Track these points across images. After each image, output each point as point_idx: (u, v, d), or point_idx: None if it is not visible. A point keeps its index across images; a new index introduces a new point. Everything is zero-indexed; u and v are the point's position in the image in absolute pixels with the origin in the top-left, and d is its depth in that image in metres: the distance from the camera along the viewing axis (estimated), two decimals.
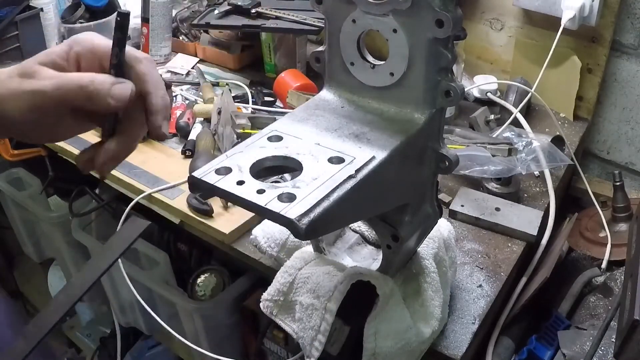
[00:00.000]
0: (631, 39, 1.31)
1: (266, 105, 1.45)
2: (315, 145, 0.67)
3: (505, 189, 1.17)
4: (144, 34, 1.64)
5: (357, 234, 0.94)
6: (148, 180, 1.22)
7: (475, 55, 1.53)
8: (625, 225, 1.20)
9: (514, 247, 1.07)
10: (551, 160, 1.17)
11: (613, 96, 1.39)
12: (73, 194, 1.43)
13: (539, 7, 1.35)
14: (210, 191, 0.63)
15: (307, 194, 0.59)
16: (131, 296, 1.22)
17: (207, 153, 1.23)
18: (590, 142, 1.47)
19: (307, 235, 0.58)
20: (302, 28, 1.47)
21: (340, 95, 0.76)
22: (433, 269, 0.86)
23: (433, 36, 0.66)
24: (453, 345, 0.89)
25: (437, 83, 0.70)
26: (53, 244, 1.64)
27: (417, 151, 0.73)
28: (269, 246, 0.97)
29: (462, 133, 1.22)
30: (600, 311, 1.08)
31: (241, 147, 0.67)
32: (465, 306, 0.95)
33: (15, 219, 1.71)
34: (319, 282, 0.82)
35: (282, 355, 1.21)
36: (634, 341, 0.83)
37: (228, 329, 1.32)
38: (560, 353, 1.00)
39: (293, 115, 0.73)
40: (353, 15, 0.70)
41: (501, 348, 1.01)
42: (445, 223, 0.97)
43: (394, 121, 0.71)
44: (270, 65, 1.57)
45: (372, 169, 0.64)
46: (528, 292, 1.05)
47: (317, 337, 0.81)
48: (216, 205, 1.13)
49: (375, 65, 0.72)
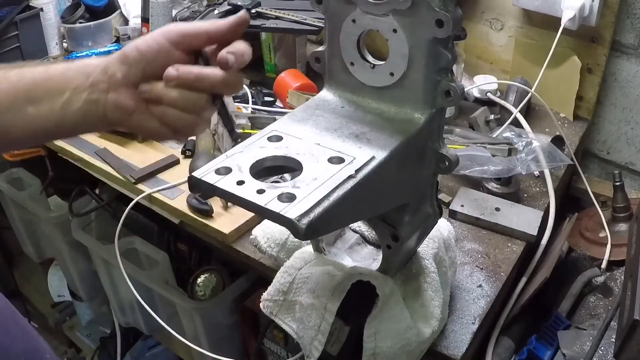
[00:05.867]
0: (631, 39, 1.31)
1: (266, 105, 1.45)
2: (315, 145, 0.67)
3: (505, 189, 1.17)
4: (143, 34, 1.64)
5: (357, 234, 0.94)
6: (148, 180, 1.22)
7: (475, 55, 1.53)
8: (625, 225, 1.20)
9: (514, 247, 1.07)
10: (551, 160, 1.17)
11: (613, 96, 1.39)
12: (73, 194, 1.43)
13: (539, 7, 1.35)
14: (210, 191, 0.63)
15: (307, 194, 0.59)
16: (131, 296, 1.22)
17: (207, 153, 1.23)
18: (590, 142, 1.47)
19: (307, 235, 0.58)
20: (302, 28, 1.47)
21: (340, 95, 0.76)
22: (433, 269, 0.86)
23: (433, 36, 0.66)
24: (453, 345, 0.89)
25: (437, 83, 0.70)
26: (53, 244, 1.64)
27: (417, 151, 0.73)
28: (269, 246, 0.97)
29: (462, 133, 1.22)
30: (600, 311, 1.08)
31: (241, 147, 0.67)
32: (465, 306, 0.95)
33: (15, 219, 1.71)
34: (319, 282, 0.82)
35: (282, 355, 1.21)
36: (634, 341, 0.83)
37: (228, 329, 1.32)
38: (560, 353, 1.00)
39: (293, 115, 0.73)
40: (353, 15, 0.70)
41: (501, 348, 1.01)
42: (445, 223, 0.97)
43: (394, 121, 0.71)
44: (270, 65, 1.57)
45: (372, 169, 0.64)
46: (528, 292, 1.05)
47: (317, 337, 0.81)
48: (216, 205, 1.13)
49: (375, 65, 0.72)
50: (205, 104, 0.66)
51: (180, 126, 0.67)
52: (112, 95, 0.65)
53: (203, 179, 0.63)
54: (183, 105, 0.65)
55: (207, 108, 0.67)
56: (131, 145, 1.33)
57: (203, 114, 0.67)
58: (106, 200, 1.41)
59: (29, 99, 0.65)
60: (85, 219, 1.47)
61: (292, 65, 1.54)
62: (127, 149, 1.32)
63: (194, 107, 0.66)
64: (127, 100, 0.66)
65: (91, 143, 1.33)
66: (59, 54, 1.68)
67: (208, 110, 0.68)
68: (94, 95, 0.65)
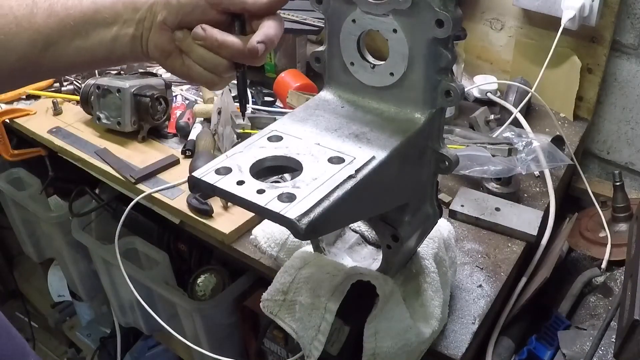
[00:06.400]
0: (631, 39, 1.31)
1: (266, 105, 1.45)
2: (315, 145, 0.67)
3: (505, 189, 1.17)
4: None
5: (357, 234, 0.94)
6: (148, 180, 1.22)
7: (475, 55, 1.53)
8: (625, 225, 1.20)
9: (514, 247, 1.07)
10: (551, 160, 1.17)
11: (613, 96, 1.39)
12: (73, 194, 1.43)
13: (539, 7, 1.35)
14: (210, 191, 0.63)
15: (307, 194, 0.59)
16: (131, 296, 1.22)
17: (207, 153, 1.23)
18: (590, 142, 1.47)
19: (307, 235, 0.58)
20: (302, 28, 1.47)
21: (340, 95, 0.76)
22: (433, 269, 0.86)
23: (433, 36, 0.66)
24: (453, 345, 0.89)
25: (437, 83, 0.70)
26: (53, 244, 1.64)
27: (417, 151, 0.73)
28: (269, 246, 0.97)
29: (462, 133, 1.22)
30: (600, 311, 1.08)
31: (241, 147, 0.67)
32: (465, 306, 0.95)
33: (15, 219, 1.71)
34: (319, 282, 0.82)
35: (282, 355, 1.21)
36: (634, 341, 0.83)
37: (228, 328, 1.32)
38: (560, 353, 1.00)
39: (293, 115, 0.73)
40: (353, 15, 0.70)
41: (501, 348, 1.01)
42: (445, 223, 0.97)
43: (394, 121, 0.71)
44: (270, 65, 1.57)
45: (372, 169, 0.64)
46: (528, 292, 1.05)
47: (317, 337, 0.81)
48: (216, 205, 1.13)
49: (375, 65, 0.72)
50: (225, 68, 0.70)
51: (202, 81, 0.72)
52: (154, 35, 0.68)
53: (203, 179, 0.63)
54: (205, 65, 0.69)
55: (228, 71, 0.71)
56: (131, 145, 1.33)
57: (224, 75, 0.71)
58: (106, 200, 1.41)
59: (77, 32, 0.68)
60: (85, 219, 1.47)
61: (292, 65, 1.54)
62: (127, 149, 1.32)
63: (215, 69, 0.70)
64: (165, 43, 0.69)
65: (91, 143, 1.33)
66: None
67: (229, 74, 0.72)
68: (139, 31, 0.69)
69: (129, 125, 1.31)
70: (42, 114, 1.45)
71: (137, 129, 1.33)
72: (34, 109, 1.46)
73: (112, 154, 1.29)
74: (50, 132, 1.38)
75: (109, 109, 1.33)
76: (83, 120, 1.41)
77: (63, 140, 1.35)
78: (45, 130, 1.38)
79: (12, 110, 1.45)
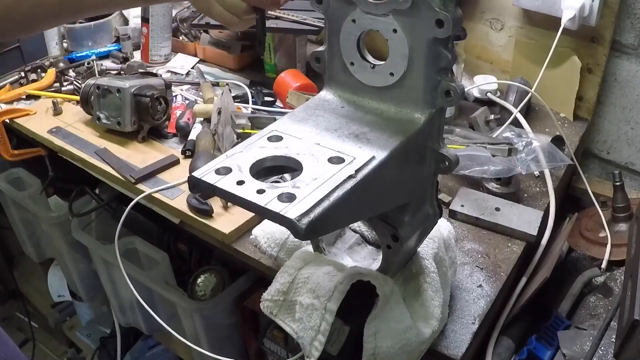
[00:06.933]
0: (631, 39, 1.31)
1: (266, 105, 1.45)
2: (315, 145, 0.67)
3: (505, 189, 1.17)
4: (144, 34, 1.64)
5: (357, 234, 0.94)
6: (148, 180, 1.22)
7: (475, 55, 1.53)
8: (625, 225, 1.20)
9: (514, 247, 1.07)
10: (551, 160, 1.17)
11: (613, 96, 1.39)
12: (73, 194, 1.43)
13: (539, 7, 1.35)
14: (210, 191, 0.63)
15: (307, 194, 0.59)
16: (131, 296, 1.22)
17: (207, 153, 1.23)
18: (590, 142, 1.47)
19: (307, 235, 0.58)
20: (302, 28, 1.47)
21: (340, 95, 0.76)
22: (433, 269, 0.86)
23: (433, 36, 0.66)
24: (453, 345, 0.89)
25: (437, 83, 0.70)
26: (53, 244, 1.64)
27: (417, 151, 0.73)
28: (269, 246, 0.97)
29: (462, 133, 1.22)
30: (600, 311, 1.08)
31: (241, 147, 0.67)
32: (465, 306, 0.95)
33: (15, 219, 1.71)
34: (319, 282, 0.82)
35: (282, 355, 1.21)
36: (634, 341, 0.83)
37: (228, 328, 1.32)
38: (560, 353, 1.00)
39: (293, 115, 0.73)
40: (353, 15, 0.70)
41: (501, 348, 1.01)
42: (445, 223, 0.97)
43: (394, 121, 0.72)
44: (270, 65, 1.57)
45: (372, 169, 0.64)
46: (528, 292, 1.05)
47: (317, 337, 0.81)
48: (216, 205, 1.13)
49: (375, 65, 0.72)
50: (244, 11, 0.77)
51: (221, 20, 0.78)
52: None
53: (203, 179, 0.63)
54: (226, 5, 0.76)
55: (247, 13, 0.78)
56: (131, 145, 1.33)
57: (243, 17, 0.78)
58: (106, 200, 1.41)
59: None
60: (85, 219, 1.47)
61: (292, 65, 1.54)
62: (127, 149, 1.32)
63: (235, 10, 0.77)
64: None
65: (91, 143, 1.33)
66: (59, 54, 1.68)
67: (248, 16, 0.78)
68: None
69: (129, 125, 1.31)
70: (42, 114, 1.45)
71: (137, 129, 1.33)
72: (34, 109, 1.46)
73: (112, 154, 1.29)
74: (50, 132, 1.38)
75: (109, 109, 1.33)
76: (83, 120, 1.41)
77: (63, 140, 1.35)
78: (45, 130, 1.38)
79: (12, 110, 1.45)
